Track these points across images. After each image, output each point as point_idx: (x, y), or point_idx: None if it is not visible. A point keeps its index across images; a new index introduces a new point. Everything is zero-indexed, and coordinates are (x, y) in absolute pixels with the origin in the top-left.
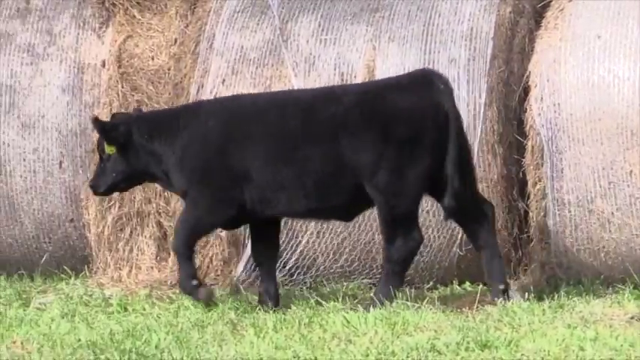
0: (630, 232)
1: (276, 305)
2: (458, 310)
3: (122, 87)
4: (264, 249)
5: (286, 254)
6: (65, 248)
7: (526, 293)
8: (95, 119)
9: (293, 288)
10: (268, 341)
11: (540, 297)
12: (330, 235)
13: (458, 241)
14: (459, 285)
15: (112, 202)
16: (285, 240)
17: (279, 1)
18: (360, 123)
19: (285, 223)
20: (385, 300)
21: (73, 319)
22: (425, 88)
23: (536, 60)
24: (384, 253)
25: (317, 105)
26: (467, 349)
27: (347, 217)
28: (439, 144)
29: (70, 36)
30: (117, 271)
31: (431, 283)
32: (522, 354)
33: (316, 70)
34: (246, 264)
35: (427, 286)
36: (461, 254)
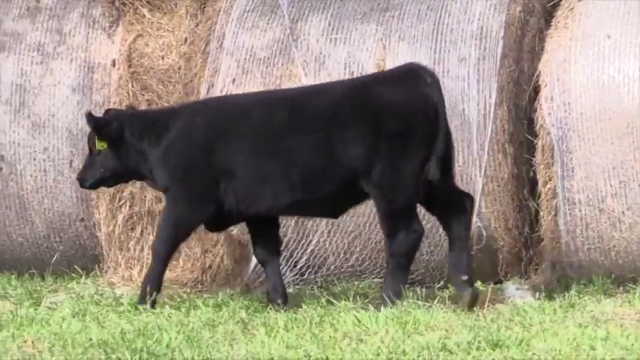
0: None
1: (285, 302)
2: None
3: (132, 86)
4: (265, 247)
5: (297, 253)
6: (76, 247)
7: (537, 292)
8: (89, 114)
9: (304, 287)
10: (279, 340)
11: (551, 296)
12: (341, 235)
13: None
14: None
15: (123, 202)
16: (295, 239)
17: (289, 1)
18: (349, 116)
19: (295, 223)
20: (394, 297)
21: (84, 319)
22: (412, 82)
23: (546, 59)
24: (387, 249)
25: (305, 98)
26: (478, 349)
27: (333, 213)
28: (431, 136)
29: (80, 35)
30: (128, 271)
31: (442, 283)
32: (533, 353)
33: (326, 70)
34: (256, 263)
35: (438, 286)
36: (471, 253)
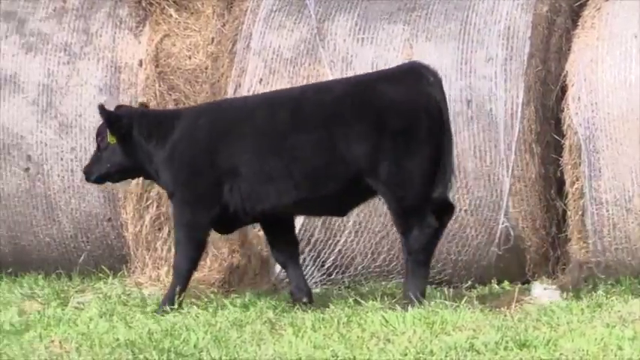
0: None
1: (310, 300)
2: (496, 310)
3: (159, 86)
4: (284, 249)
5: (324, 253)
6: (103, 247)
7: (564, 292)
8: (102, 107)
9: (331, 287)
10: (307, 340)
11: (578, 296)
12: (369, 235)
13: (496, 240)
14: (498, 284)
15: (150, 202)
16: (323, 239)
17: (316, 1)
18: (351, 113)
19: (323, 223)
20: (419, 295)
21: (112, 319)
22: (414, 80)
23: (573, 59)
24: (404, 247)
25: (308, 95)
26: (505, 349)
27: (339, 211)
28: (435, 133)
29: (107, 35)
30: (155, 271)
31: (469, 283)
32: (561, 353)
33: (353, 70)
34: None
35: (465, 286)
36: (499, 253)
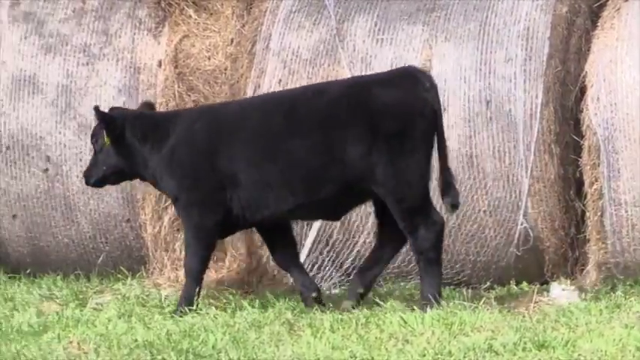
0: None
1: (319, 294)
2: (515, 310)
3: (178, 87)
4: (283, 251)
5: (343, 254)
6: (122, 248)
7: (583, 293)
8: (97, 108)
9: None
10: (325, 341)
11: (597, 297)
12: None
13: (515, 241)
14: (516, 285)
15: (169, 203)
16: (342, 240)
17: (335, 1)
18: (347, 116)
19: (342, 224)
20: (435, 294)
21: (130, 320)
22: (410, 84)
23: (592, 60)
24: (412, 247)
25: (303, 98)
26: (524, 350)
27: (334, 215)
28: (430, 135)
29: (126, 36)
30: (173, 272)
31: (488, 283)
32: (579, 354)
33: (372, 70)
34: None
35: (484, 287)
36: (518, 254)
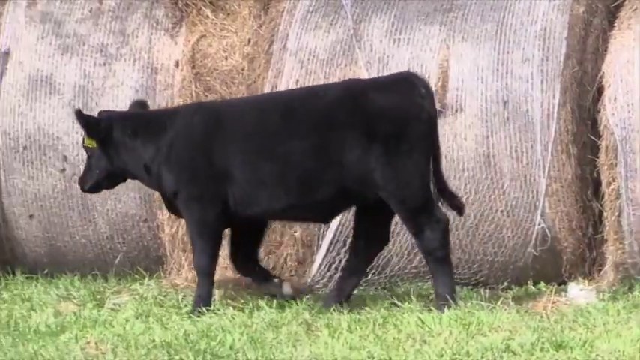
0: None
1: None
2: (532, 311)
3: (195, 87)
4: (245, 260)
5: None
6: (139, 249)
7: (600, 293)
8: (78, 112)
9: (368, 288)
10: (343, 341)
11: (615, 297)
12: (405, 235)
13: (532, 242)
14: (534, 285)
15: None
16: None
17: (352, 1)
18: (344, 119)
19: None
20: (450, 292)
21: (148, 320)
22: (406, 90)
23: (609, 60)
24: (420, 248)
25: (301, 99)
26: (541, 350)
27: (325, 218)
28: (427, 137)
29: (143, 36)
30: (191, 272)
31: (505, 284)
32: (597, 354)
33: (390, 70)
34: (320, 264)
35: (501, 287)
36: (535, 254)
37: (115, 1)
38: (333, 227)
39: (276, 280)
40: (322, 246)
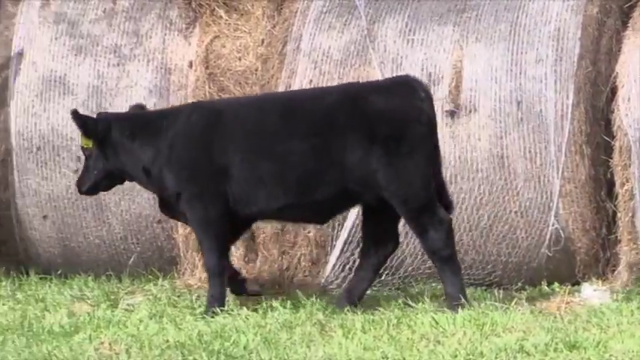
0: None
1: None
2: (546, 311)
3: (209, 88)
4: None
5: None
6: (153, 249)
7: (614, 294)
8: (75, 112)
9: (381, 289)
10: (357, 342)
11: (629, 298)
12: None
13: (546, 242)
14: (548, 286)
15: None
16: None
17: (366, 2)
18: (344, 121)
19: None
20: (459, 291)
21: (162, 320)
22: (406, 93)
23: (623, 60)
24: (425, 248)
25: (300, 102)
26: (555, 350)
27: (322, 219)
28: (428, 139)
29: (157, 37)
30: (205, 273)
31: (519, 284)
32: (611, 355)
33: (403, 71)
34: (334, 265)
35: (515, 287)
36: (549, 255)
37: (129, 2)
38: (348, 227)
39: (240, 278)
40: (336, 246)
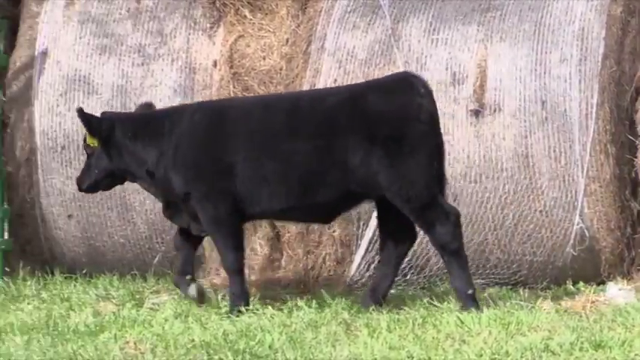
0: None
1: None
2: (571, 310)
3: (234, 87)
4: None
5: None
6: None
7: (639, 293)
8: (80, 110)
9: (407, 288)
10: (382, 341)
11: None
12: None
13: (571, 241)
14: (573, 285)
15: None
16: None
17: (390, 1)
18: (345, 122)
19: None
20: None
21: (187, 320)
22: (405, 90)
23: None
24: (433, 243)
25: (304, 102)
26: (581, 349)
27: (326, 219)
28: (429, 136)
29: (181, 36)
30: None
31: (544, 283)
32: (636, 354)
33: (427, 70)
34: (359, 264)
35: (540, 286)
36: (574, 254)
37: (153, 1)
38: (372, 226)
39: (187, 278)
40: (361, 245)
